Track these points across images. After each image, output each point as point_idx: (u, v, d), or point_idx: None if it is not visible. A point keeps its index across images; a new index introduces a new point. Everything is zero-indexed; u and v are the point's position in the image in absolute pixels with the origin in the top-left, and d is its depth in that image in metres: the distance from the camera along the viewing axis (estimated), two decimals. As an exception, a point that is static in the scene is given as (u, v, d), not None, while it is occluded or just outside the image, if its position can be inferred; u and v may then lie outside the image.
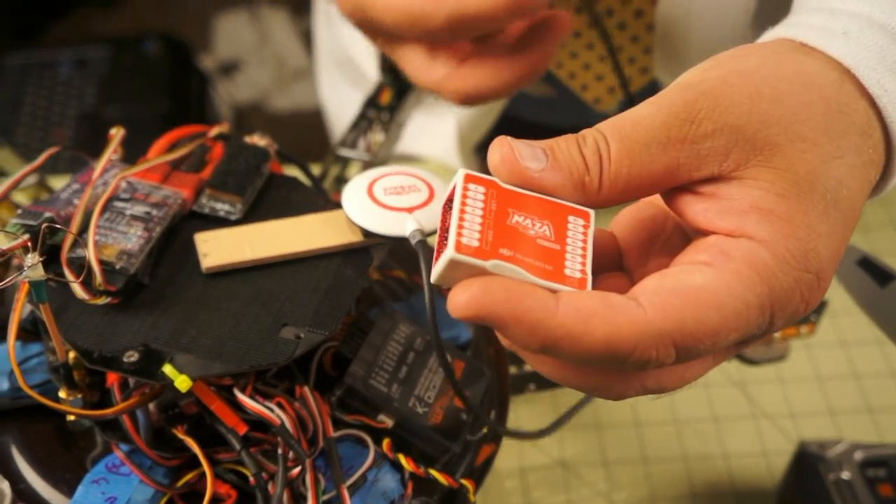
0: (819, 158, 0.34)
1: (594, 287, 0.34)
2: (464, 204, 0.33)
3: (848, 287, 0.54)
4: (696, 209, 0.35)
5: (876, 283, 0.52)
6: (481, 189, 0.34)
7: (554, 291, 0.32)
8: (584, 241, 0.34)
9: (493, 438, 0.49)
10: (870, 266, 0.53)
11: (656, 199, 0.40)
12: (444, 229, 0.33)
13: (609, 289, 0.33)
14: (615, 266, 0.39)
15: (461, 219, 0.32)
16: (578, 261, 0.33)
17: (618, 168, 0.34)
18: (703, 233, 0.35)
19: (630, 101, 0.74)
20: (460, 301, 0.31)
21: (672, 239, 0.39)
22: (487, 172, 0.35)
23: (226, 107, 1.84)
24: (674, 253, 0.37)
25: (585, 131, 0.35)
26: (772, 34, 0.41)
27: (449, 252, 0.32)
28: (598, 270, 0.36)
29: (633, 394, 0.36)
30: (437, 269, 0.33)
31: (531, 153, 0.34)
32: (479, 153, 0.89)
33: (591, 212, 0.35)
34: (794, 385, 0.74)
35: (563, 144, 0.35)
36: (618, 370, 0.34)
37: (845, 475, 0.60)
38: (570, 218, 0.34)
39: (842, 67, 0.37)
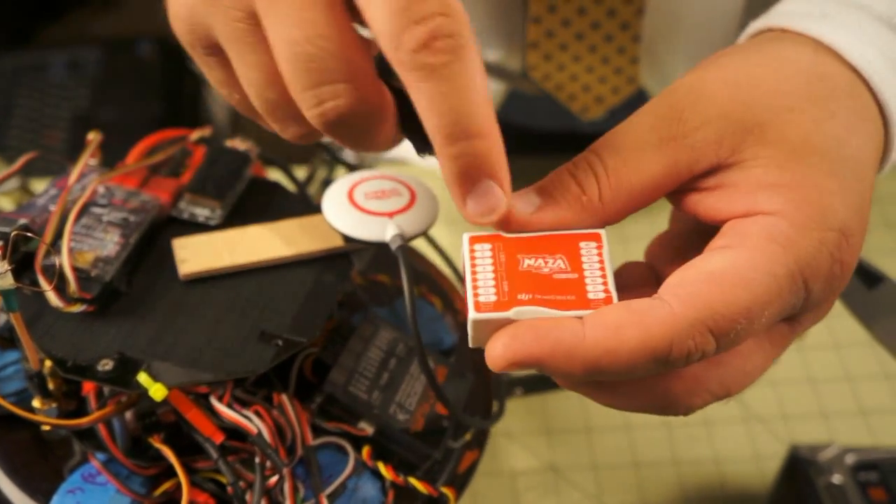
0: (810, 122, 0.35)
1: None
2: (474, 265, 0.34)
3: (837, 290, 0.54)
4: (706, 202, 0.35)
5: (864, 285, 0.51)
6: (487, 246, 0.35)
7: (580, 318, 0.32)
8: (601, 262, 0.34)
9: (477, 444, 0.49)
10: (858, 268, 0.52)
11: (675, 221, 0.41)
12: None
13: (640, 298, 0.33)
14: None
15: (474, 280, 0.34)
16: (599, 283, 0.34)
17: (616, 178, 0.34)
18: (721, 224, 0.35)
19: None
20: (495, 356, 0.32)
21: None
22: None
23: (220, 109, 1.83)
24: None
25: (576, 158, 0.35)
26: (752, 27, 0.42)
27: (471, 315, 0.33)
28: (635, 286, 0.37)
29: (701, 403, 0.35)
30: (470, 335, 0.34)
31: (524, 200, 0.35)
32: None
33: (602, 232, 0.35)
34: (785, 387, 0.73)
35: (555, 178, 0.35)
36: (672, 375, 0.34)
37: (836, 479, 0.59)
38: (582, 244, 0.35)
39: (818, 43, 0.37)
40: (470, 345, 0.34)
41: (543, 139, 0.88)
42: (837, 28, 0.38)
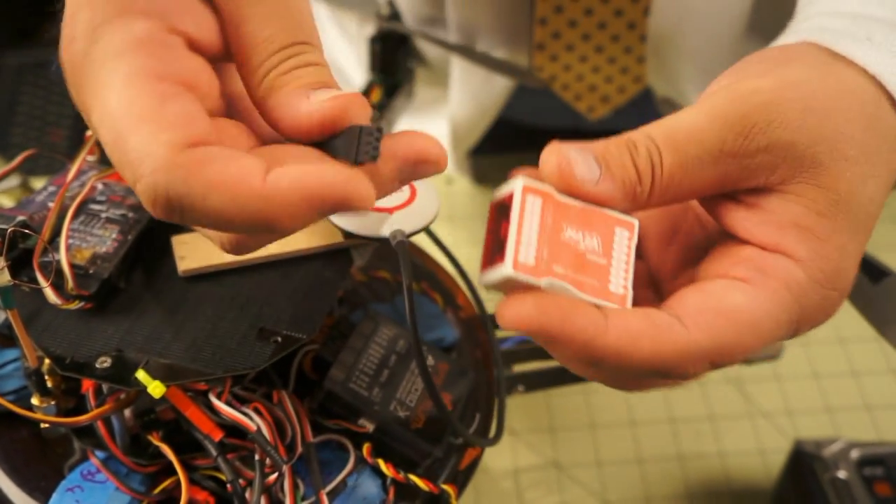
0: (858, 178, 0.35)
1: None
2: (522, 217, 0.33)
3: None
4: (737, 216, 0.35)
5: (869, 279, 0.51)
6: (538, 202, 0.33)
7: (598, 307, 0.33)
8: (628, 255, 0.34)
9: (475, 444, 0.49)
10: (863, 262, 0.52)
11: (689, 227, 0.41)
12: (498, 237, 0.33)
13: (638, 301, 0.34)
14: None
15: (519, 233, 0.32)
16: (622, 276, 0.34)
17: (670, 180, 0.34)
18: (737, 239, 0.36)
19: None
20: (514, 315, 0.31)
21: (693, 231, 0.40)
22: (478, 178, 0.34)
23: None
24: (693, 244, 0.38)
25: (637, 138, 0.34)
26: (793, 37, 0.41)
27: (506, 269, 0.32)
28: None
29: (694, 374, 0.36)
30: (490, 279, 0.33)
31: (585, 164, 0.34)
32: (472, 157, 0.88)
33: (636, 223, 0.35)
34: (790, 382, 0.73)
35: (616, 153, 0.34)
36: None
37: (842, 474, 0.59)
38: (617, 230, 0.34)
39: (870, 76, 0.37)
40: (480, 283, 0.33)
41: (548, 136, 0.88)
42: (883, 56, 0.37)
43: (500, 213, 0.34)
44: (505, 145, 0.89)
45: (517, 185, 0.33)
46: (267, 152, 0.31)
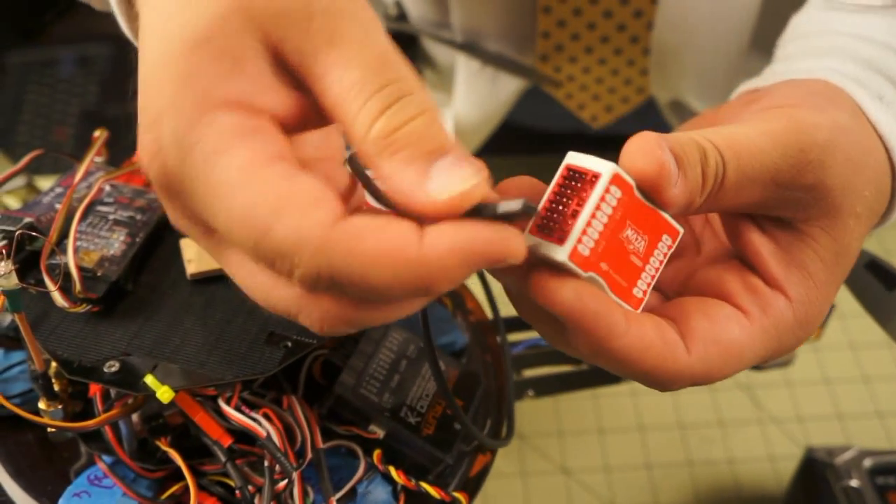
0: (858, 237, 0.37)
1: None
2: (598, 206, 0.32)
3: (855, 290, 0.53)
4: (754, 240, 0.36)
5: (883, 286, 0.50)
6: (618, 194, 0.32)
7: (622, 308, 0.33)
8: (662, 262, 0.34)
9: (489, 448, 0.48)
10: (877, 269, 0.51)
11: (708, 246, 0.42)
12: (562, 208, 0.32)
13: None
14: None
15: (588, 222, 0.31)
16: (647, 280, 0.34)
17: (724, 193, 0.34)
18: (746, 256, 0.36)
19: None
20: (553, 293, 0.31)
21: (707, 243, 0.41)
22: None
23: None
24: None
25: (705, 143, 0.33)
26: (804, 69, 0.41)
27: (561, 255, 0.31)
28: None
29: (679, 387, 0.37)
30: (537, 248, 0.32)
31: (672, 165, 0.32)
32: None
33: (682, 232, 0.34)
34: (801, 389, 0.72)
35: (691, 158, 0.33)
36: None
37: (854, 483, 0.59)
38: (663, 237, 0.34)
39: (878, 134, 0.39)
40: (525, 241, 0.31)
41: (553, 139, 0.88)
42: (891, 120, 0.39)
43: (575, 181, 0.32)
44: (509, 148, 0.88)
45: (607, 169, 0.32)
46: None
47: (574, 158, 0.33)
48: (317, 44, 0.29)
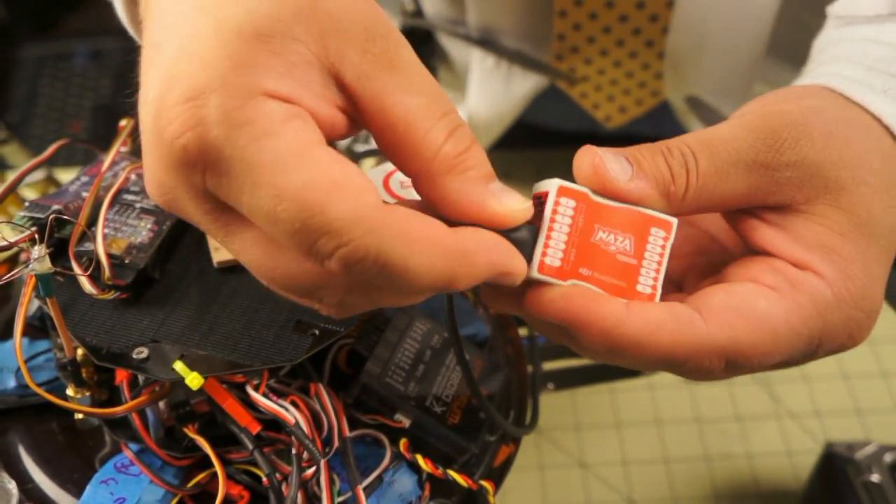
0: (879, 205, 0.36)
1: None
2: (553, 219, 0.34)
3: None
4: (764, 234, 0.37)
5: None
6: (572, 203, 0.34)
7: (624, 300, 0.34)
8: (662, 255, 0.35)
9: (513, 439, 0.48)
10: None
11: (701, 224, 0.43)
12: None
13: (664, 298, 0.36)
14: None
15: (548, 236, 0.33)
16: (652, 275, 0.34)
17: (705, 183, 0.35)
18: (764, 251, 0.37)
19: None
20: (541, 301, 0.33)
21: (715, 253, 0.42)
22: (501, 175, 0.34)
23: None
24: (717, 263, 0.39)
25: (671, 143, 0.36)
26: (809, 81, 0.42)
27: (531, 272, 0.33)
28: None
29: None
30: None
31: (618, 163, 0.35)
32: (492, 154, 0.88)
33: (675, 222, 0.35)
34: (819, 383, 0.72)
35: (648, 154, 0.35)
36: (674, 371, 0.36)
37: (875, 477, 0.58)
38: (653, 230, 0.35)
39: (884, 126, 0.39)
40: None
41: (568, 138, 0.88)
42: None
43: (538, 206, 0.34)
44: (525, 145, 0.88)
45: (553, 185, 0.34)
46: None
47: (537, 186, 0.35)
48: (378, 66, 0.31)
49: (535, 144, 0.88)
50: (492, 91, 0.78)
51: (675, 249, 0.40)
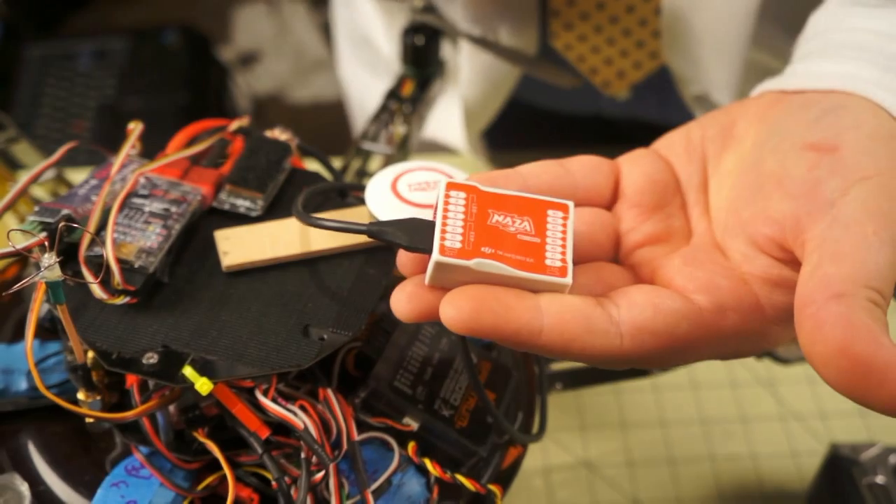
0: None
1: (580, 274, 0.37)
2: (446, 210, 0.36)
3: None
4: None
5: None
6: (462, 195, 0.36)
7: (536, 282, 0.35)
8: (564, 233, 0.36)
9: (521, 441, 0.48)
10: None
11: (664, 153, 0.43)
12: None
13: (599, 279, 0.37)
14: (608, 199, 0.41)
15: (444, 224, 0.35)
16: (559, 251, 0.36)
17: None
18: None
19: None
20: (449, 315, 0.34)
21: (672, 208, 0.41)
22: (495, 157, 0.36)
23: (245, 98, 1.83)
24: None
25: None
26: (826, 73, 0.40)
27: (434, 256, 0.34)
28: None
29: None
30: (428, 273, 0.35)
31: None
32: (485, 138, 0.88)
33: (571, 203, 0.37)
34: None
35: None
36: None
37: (880, 479, 0.59)
38: (550, 212, 0.36)
39: None
40: (426, 282, 0.35)
41: (564, 122, 0.87)
42: None
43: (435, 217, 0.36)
44: (527, 131, 0.88)
45: (441, 185, 0.36)
46: None
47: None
48: None
49: (541, 133, 0.88)
50: (482, 63, 0.77)
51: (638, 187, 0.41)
